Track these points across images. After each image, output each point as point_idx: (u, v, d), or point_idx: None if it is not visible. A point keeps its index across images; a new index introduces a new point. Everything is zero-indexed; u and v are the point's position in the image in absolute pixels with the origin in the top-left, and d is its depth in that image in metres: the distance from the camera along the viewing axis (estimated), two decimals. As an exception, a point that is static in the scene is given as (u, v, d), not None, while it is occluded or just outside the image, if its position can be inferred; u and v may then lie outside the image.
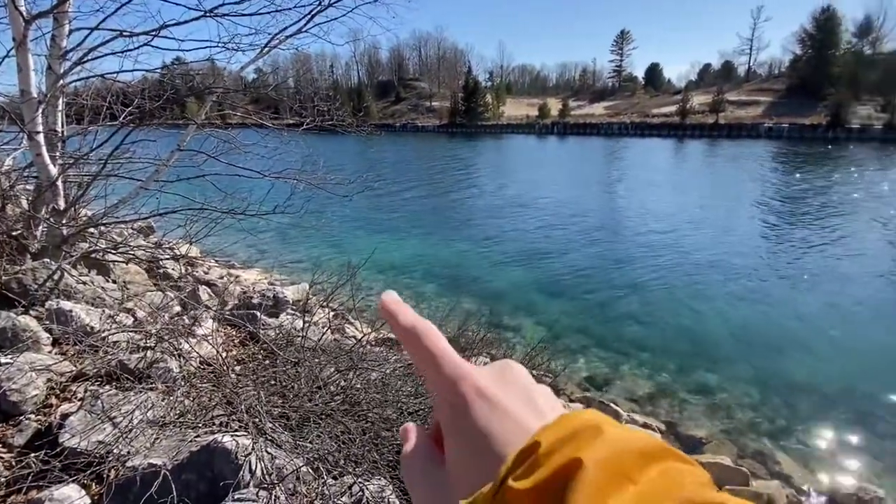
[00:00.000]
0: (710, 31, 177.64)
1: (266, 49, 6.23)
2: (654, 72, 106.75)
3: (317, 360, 3.84)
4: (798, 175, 29.98)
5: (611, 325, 9.75)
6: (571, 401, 7.36)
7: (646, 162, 40.45)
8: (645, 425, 6.71)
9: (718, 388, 7.62)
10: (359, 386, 3.80)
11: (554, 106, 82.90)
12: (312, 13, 6.05)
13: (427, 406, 3.53)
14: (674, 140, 60.32)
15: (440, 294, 11.07)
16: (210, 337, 3.70)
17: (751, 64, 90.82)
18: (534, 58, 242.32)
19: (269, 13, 5.27)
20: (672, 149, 50.93)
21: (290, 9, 5.39)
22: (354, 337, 5.45)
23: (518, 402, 0.35)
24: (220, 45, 5.34)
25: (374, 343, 6.21)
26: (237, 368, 3.95)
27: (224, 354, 4.01)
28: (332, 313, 6.94)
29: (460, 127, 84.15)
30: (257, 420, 2.72)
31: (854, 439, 6.45)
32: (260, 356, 3.98)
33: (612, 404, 6.87)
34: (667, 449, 0.31)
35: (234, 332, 4.21)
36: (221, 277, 8.19)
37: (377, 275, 12.56)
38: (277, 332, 4.16)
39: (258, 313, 4.39)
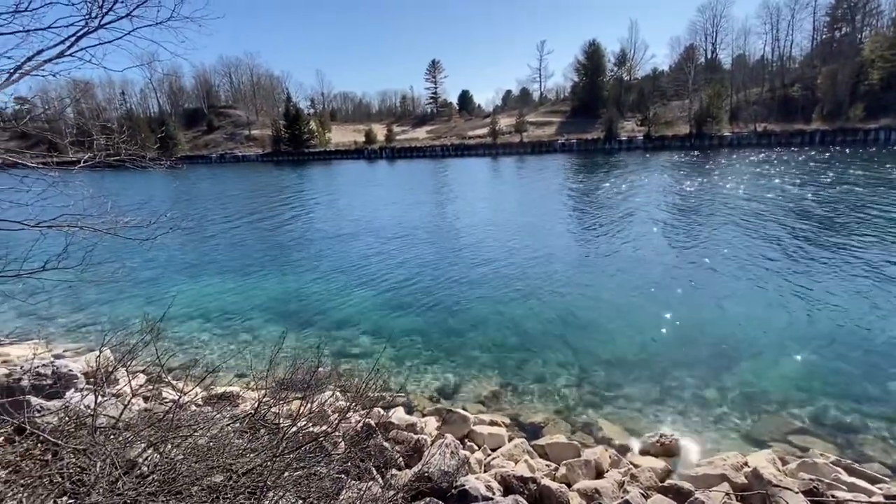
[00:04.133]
0: (508, 61, 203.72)
1: (17, 76, 5.13)
2: (465, 98, 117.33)
3: (120, 440, 3.23)
4: (586, 180, 35.79)
5: (453, 335, 10.25)
6: (424, 415, 7.50)
7: (469, 179, 44.00)
8: (492, 423, 7.19)
9: (548, 374, 8.57)
10: (180, 457, 3.31)
11: (379, 131, 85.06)
12: (78, 35, 5.19)
13: (264, 461, 3.22)
14: (489, 158, 66.93)
15: (279, 332, 10.32)
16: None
17: (542, 90, 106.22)
18: (354, 86, 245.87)
19: (11, 34, 4.34)
20: (489, 165, 56.37)
21: (42, 29, 4.52)
22: (173, 400, 4.74)
23: None
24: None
25: (200, 402, 5.49)
26: (2, 474, 3.10)
27: (-20, 461, 3.12)
28: (142, 378, 5.94)
29: (286, 155, 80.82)
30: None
31: (652, 395, 7.84)
32: (37, 452, 3.19)
33: (460, 410, 7.20)
34: None
35: (-7, 429, 3.30)
36: (-22, 360, 6.41)
37: (203, 323, 11.21)
38: (62, 416, 3.39)
39: (31, 398, 3.52)
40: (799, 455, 6.19)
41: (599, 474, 5.83)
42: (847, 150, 45.48)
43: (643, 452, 6.48)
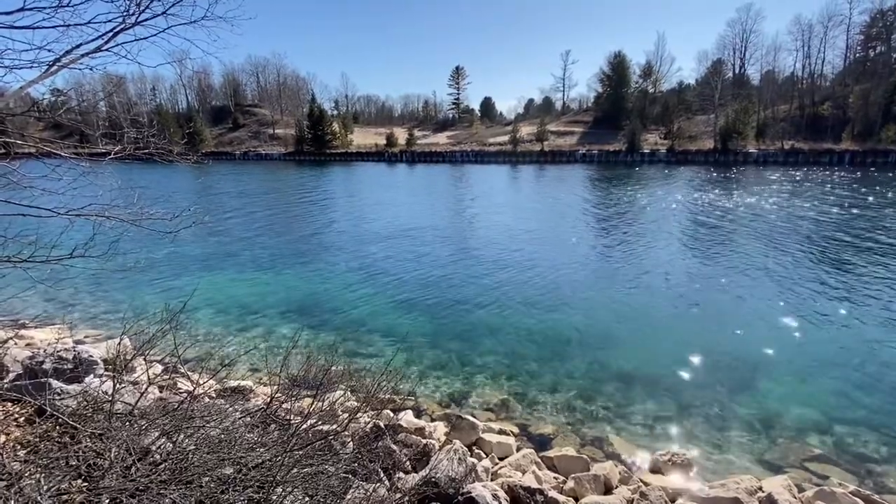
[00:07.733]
0: (532, 70, 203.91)
1: (55, 68, 5.31)
2: (487, 105, 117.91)
3: (135, 427, 3.29)
4: (606, 192, 35.49)
5: (465, 340, 10.23)
6: (433, 419, 7.48)
7: (488, 185, 43.95)
8: (501, 431, 7.13)
9: (559, 385, 8.48)
10: (192, 447, 3.35)
11: (401, 135, 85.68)
12: (115, 31, 5.36)
13: (274, 456, 3.25)
14: (508, 166, 66.82)
15: (294, 329, 10.43)
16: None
17: (564, 99, 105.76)
18: (378, 89, 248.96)
19: (52, 27, 4.49)
20: (508, 173, 56.29)
21: (81, 24, 4.66)
22: (188, 391, 4.81)
23: None
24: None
25: (214, 395, 5.57)
26: (21, 454, 3.18)
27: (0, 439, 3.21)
28: (159, 368, 6.06)
29: (308, 155, 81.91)
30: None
31: (664, 412, 7.69)
32: (55, 434, 3.27)
33: (469, 416, 7.15)
34: None
35: (15, 409, 3.39)
36: (3, 342, 6.59)
37: (220, 316, 11.38)
38: (80, 400, 3.47)
39: (52, 381, 3.61)
40: (816, 483, 6.01)
41: (608, 490, 5.74)
42: (878, 172, 44.25)
43: (653, 470, 6.35)
